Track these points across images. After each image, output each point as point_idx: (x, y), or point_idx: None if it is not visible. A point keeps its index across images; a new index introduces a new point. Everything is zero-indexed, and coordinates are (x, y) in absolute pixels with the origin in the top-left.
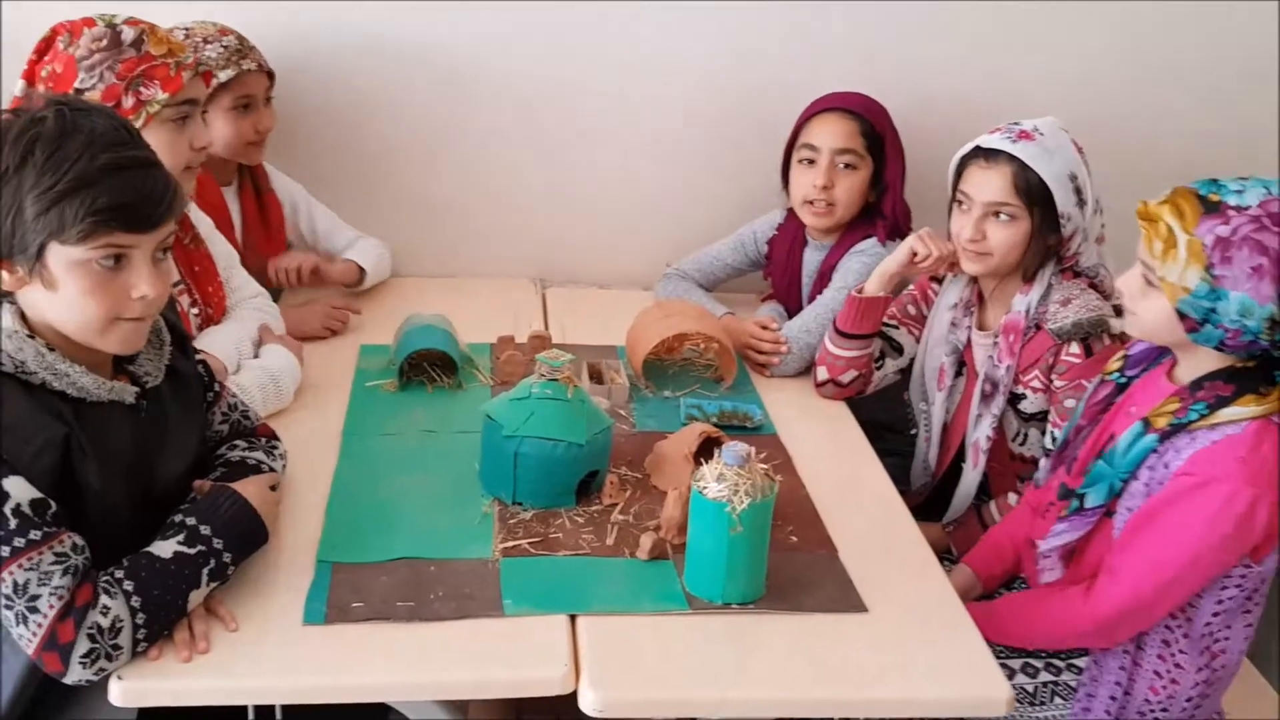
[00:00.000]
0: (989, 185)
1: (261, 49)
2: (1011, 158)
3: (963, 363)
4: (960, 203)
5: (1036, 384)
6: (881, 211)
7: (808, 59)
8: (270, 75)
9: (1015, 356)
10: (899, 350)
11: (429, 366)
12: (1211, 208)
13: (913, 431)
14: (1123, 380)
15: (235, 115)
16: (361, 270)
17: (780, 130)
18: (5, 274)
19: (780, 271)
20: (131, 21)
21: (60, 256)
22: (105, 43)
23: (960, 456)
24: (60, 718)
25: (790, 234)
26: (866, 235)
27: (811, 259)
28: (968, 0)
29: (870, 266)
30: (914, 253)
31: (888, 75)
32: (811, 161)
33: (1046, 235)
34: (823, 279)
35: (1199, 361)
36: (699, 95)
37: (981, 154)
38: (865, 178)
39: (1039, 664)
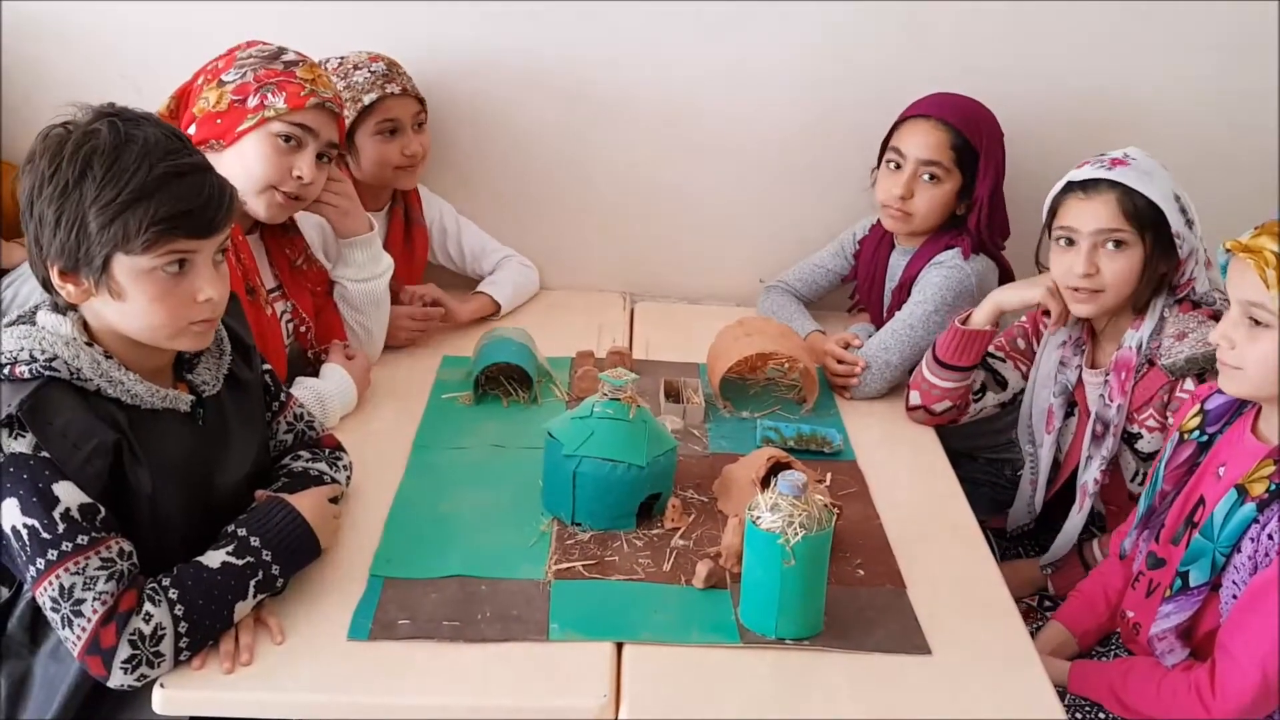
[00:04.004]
0: (1095, 214)
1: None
2: (1113, 184)
3: (1073, 403)
4: (1059, 240)
5: (1152, 423)
6: (968, 225)
7: (908, 73)
8: (420, 100)
9: (1127, 395)
10: (1002, 384)
11: (505, 380)
12: None
13: (1018, 472)
14: (1204, 439)
15: (381, 139)
16: (496, 304)
17: (876, 144)
18: (72, 287)
19: (865, 273)
20: (303, 55)
21: (126, 267)
22: (266, 55)
23: (1063, 497)
24: None
25: (879, 234)
26: (950, 245)
27: (896, 263)
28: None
29: (950, 280)
30: (1041, 304)
31: (993, 88)
32: (897, 166)
33: (1159, 262)
34: (904, 287)
35: None
36: (795, 110)
37: (1078, 187)
38: (949, 191)
39: None
